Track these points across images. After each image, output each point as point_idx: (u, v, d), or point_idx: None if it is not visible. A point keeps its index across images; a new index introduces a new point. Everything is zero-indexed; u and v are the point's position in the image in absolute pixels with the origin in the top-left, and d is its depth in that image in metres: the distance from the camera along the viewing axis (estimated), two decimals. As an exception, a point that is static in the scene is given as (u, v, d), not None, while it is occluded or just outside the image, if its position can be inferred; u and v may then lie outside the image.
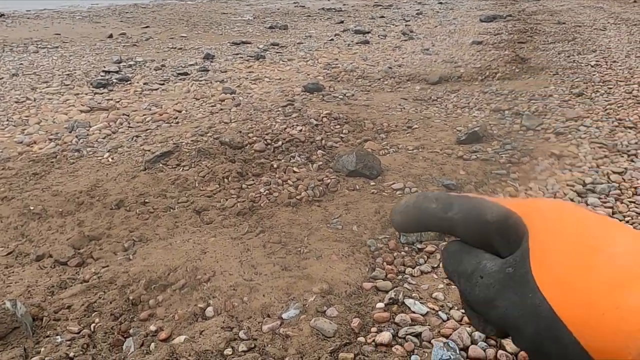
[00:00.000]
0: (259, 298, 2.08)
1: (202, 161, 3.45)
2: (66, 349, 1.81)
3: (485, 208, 0.42)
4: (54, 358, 1.77)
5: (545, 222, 0.38)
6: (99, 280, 2.25)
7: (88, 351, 1.82)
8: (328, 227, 2.68)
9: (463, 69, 6.40)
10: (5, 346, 1.82)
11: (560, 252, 0.35)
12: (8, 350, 1.81)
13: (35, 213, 2.89)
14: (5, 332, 1.84)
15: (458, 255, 0.44)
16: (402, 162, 3.49)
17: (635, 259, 0.33)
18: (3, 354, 1.79)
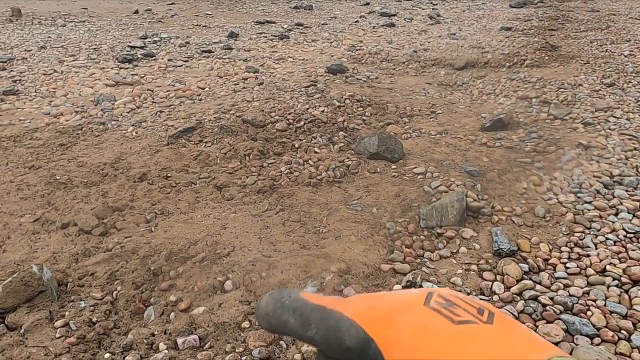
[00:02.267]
0: (277, 274, 2.10)
1: (224, 138, 3.47)
2: (89, 314, 1.86)
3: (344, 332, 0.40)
4: (78, 322, 1.82)
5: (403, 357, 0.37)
6: (121, 249, 2.30)
7: (110, 317, 1.87)
8: (347, 208, 2.68)
9: (490, 55, 6.26)
10: (32, 308, 1.88)
11: None
12: (34, 312, 1.87)
13: (61, 182, 2.96)
14: (32, 295, 1.90)
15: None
16: (424, 147, 3.45)
17: None
18: (29, 315, 1.85)
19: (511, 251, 2.22)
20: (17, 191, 2.86)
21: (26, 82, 5.24)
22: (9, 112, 4.32)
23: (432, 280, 2.05)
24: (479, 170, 3.06)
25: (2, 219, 2.56)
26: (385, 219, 2.57)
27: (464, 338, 0.35)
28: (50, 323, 1.83)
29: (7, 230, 2.47)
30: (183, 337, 1.74)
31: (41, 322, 1.82)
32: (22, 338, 1.76)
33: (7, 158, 3.33)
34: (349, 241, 2.36)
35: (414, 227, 2.48)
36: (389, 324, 0.39)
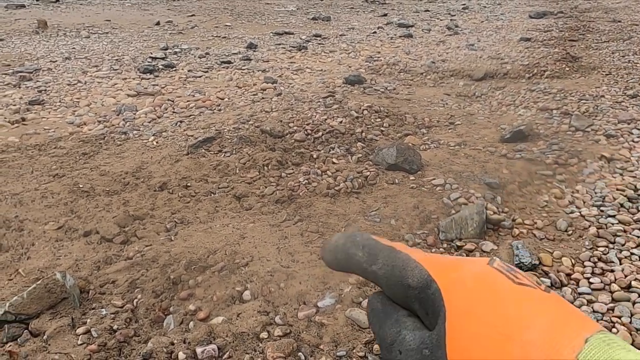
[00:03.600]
0: (296, 285, 2.10)
1: (243, 148, 3.50)
2: (110, 322, 1.89)
3: (408, 270, 0.41)
4: (99, 329, 1.84)
5: (463, 301, 0.37)
6: (142, 258, 2.33)
7: (130, 325, 1.89)
8: (366, 219, 2.68)
9: (510, 66, 6.21)
10: (55, 315, 1.91)
11: (475, 340, 0.35)
12: (57, 319, 1.90)
13: (84, 191, 3.01)
14: (55, 302, 1.93)
15: (380, 316, 0.43)
16: (443, 158, 3.43)
17: (548, 350, 0.32)
18: (52, 322, 1.88)
19: (533, 265, 2.19)
20: (41, 199, 2.92)
21: (51, 92, 5.37)
22: (34, 122, 4.43)
23: (451, 294, 2.03)
24: (499, 182, 3.03)
25: (27, 226, 2.62)
26: (404, 231, 2.55)
27: (524, 294, 0.37)
28: (72, 330, 1.85)
29: (32, 237, 2.52)
30: (202, 346, 1.75)
31: (63, 329, 1.85)
32: (45, 344, 1.79)
33: (32, 166, 3.41)
34: (368, 253, 2.35)
35: (433, 240, 2.46)
36: (453, 269, 0.41)
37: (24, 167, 3.41)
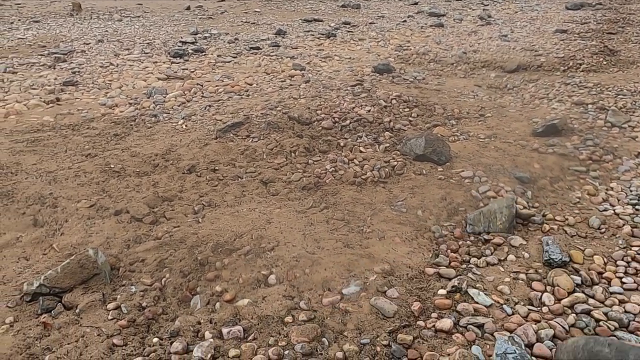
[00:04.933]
0: (321, 271, 2.10)
1: (271, 134, 3.51)
2: (139, 299, 1.93)
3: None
4: (129, 306, 1.89)
5: None
6: (170, 238, 2.37)
7: (159, 303, 1.94)
8: (392, 209, 2.66)
9: (544, 58, 6.04)
10: (87, 290, 1.97)
11: None
12: (89, 293, 1.95)
13: (115, 171, 3.08)
14: (87, 277, 1.99)
15: None
16: (472, 150, 3.37)
17: None
18: (84, 296, 1.94)
19: (563, 262, 2.14)
20: (74, 177, 3.00)
21: (84, 74, 5.48)
22: (68, 102, 4.54)
23: (478, 287, 2.01)
24: (529, 177, 2.96)
25: (61, 204, 2.69)
26: (431, 222, 2.53)
27: None
28: (103, 305, 1.91)
29: (65, 214, 2.60)
30: (228, 327, 1.78)
31: (95, 304, 1.90)
32: (77, 317, 1.85)
33: (66, 146, 3.50)
34: (393, 242, 2.34)
35: (460, 232, 2.43)
36: None
37: (58, 146, 3.50)
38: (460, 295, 1.97)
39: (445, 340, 1.76)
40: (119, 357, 1.66)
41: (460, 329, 1.81)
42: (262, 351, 1.67)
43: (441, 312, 1.89)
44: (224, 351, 1.68)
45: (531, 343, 1.71)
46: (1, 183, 2.90)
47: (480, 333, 1.78)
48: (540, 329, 1.77)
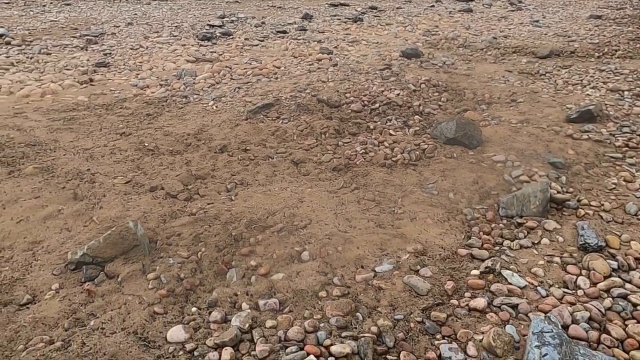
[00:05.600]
0: (353, 249, 2.12)
1: (301, 116, 3.53)
2: (177, 270, 1.99)
3: None
4: (168, 276, 1.94)
5: None
6: (204, 214, 2.42)
7: (196, 275, 1.99)
8: (423, 191, 2.66)
9: (577, 44, 5.89)
10: (127, 260, 2.03)
11: None
12: (129, 264, 2.02)
13: (149, 149, 3.14)
14: (127, 248, 2.05)
15: None
16: (504, 135, 3.33)
17: None
18: (125, 266, 2.00)
19: (598, 247, 2.11)
20: (110, 155, 3.07)
21: (115, 56, 5.57)
22: (101, 83, 4.63)
23: (511, 269, 2.00)
24: (563, 162, 2.92)
25: (98, 179, 2.77)
26: (462, 205, 2.52)
27: None
28: (143, 275, 1.97)
29: (103, 189, 2.67)
30: (264, 299, 1.82)
31: (135, 273, 1.96)
32: (119, 286, 1.91)
33: (101, 124, 3.58)
34: (425, 224, 2.35)
35: (492, 215, 2.42)
36: None
37: (93, 124, 3.58)
38: (494, 276, 1.97)
39: (479, 319, 1.77)
40: (160, 324, 1.72)
41: (494, 308, 1.81)
42: (298, 323, 1.70)
43: (474, 291, 1.90)
44: (261, 322, 1.72)
45: (567, 324, 1.71)
46: (41, 159, 2.99)
47: (515, 313, 1.78)
48: (575, 311, 1.77)
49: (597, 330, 1.70)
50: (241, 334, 1.65)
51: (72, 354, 1.58)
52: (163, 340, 1.66)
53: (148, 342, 1.64)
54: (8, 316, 1.76)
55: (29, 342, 1.64)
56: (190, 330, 1.69)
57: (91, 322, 1.72)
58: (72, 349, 1.60)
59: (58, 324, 1.72)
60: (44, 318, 1.74)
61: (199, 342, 1.64)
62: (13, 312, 1.79)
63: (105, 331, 1.68)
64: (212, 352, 1.59)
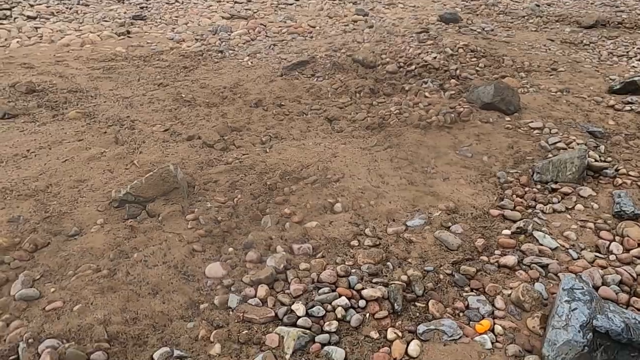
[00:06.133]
0: (385, 204, 2.16)
1: (336, 74, 3.52)
2: (215, 213, 2.06)
3: None
4: (206, 218, 2.02)
5: None
6: (240, 164, 2.47)
7: (232, 219, 2.06)
8: (456, 153, 2.65)
9: (626, 15, 5.63)
10: (167, 201, 2.12)
11: None
12: (169, 205, 2.10)
13: (186, 100, 3.20)
14: (168, 190, 2.13)
15: None
16: (542, 103, 3.26)
17: None
18: (165, 206, 2.09)
19: (634, 215, 2.09)
20: (148, 104, 3.14)
21: (151, 10, 5.60)
22: (138, 35, 4.68)
23: (543, 231, 2.01)
24: (603, 132, 2.85)
25: (138, 126, 2.85)
26: (496, 168, 2.51)
27: None
28: (183, 216, 2.05)
29: (142, 135, 2.75)
30: (298, 244, 1.88)
31: (175, 214, 2.04)
32: (160, 224, 2.00)
33: (139, 75, 3.64)
34: (458, 184, 2.35)
35: (526, 179, 2.41)
36: None
37: (132, 74, 3.65)
38: (525, 236, 1.98)
39: (508, 275, 1.79)
40: (199, 260, 1.80)
41: (523, 266, 1.83)
42: (331, 267, 1.76)
43: (505, 250, 1.92)
44: (294, 264, 1.78)
45: (596, 286, 1.72)
46: (83, 104, 3.08)
47: (544, 272, 1.80)
48: (606, 274, 1.77)
49: (627, 293, 1.71)
50: (276, 273, 1.72)
51: (117, 281, 1.68)
52: (202, 275, 1.74)
53: (188, 276, 1.73)
54: (58, 245, 1.87)
55: (77, 269, 1.74)
56: (227, 267, 1.77)
57: (134, 255, 1.81)
58: (117, 277, 1.70)
59: (104, 255, 1.82)
60: (90, 249, 1.84)
61: (236, 278, 1.72)
62: (62, 241, 1.89)
63: (147, 263, 1.77)
64: (249, 288, 1.67)
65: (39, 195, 2.16)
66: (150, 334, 1.49)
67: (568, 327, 1.42)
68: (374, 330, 1.54)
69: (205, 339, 1.48)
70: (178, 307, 1.59)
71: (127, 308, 1.57)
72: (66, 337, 1.44)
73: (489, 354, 1.48)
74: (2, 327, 1.49)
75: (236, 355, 1.44)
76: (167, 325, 1.53)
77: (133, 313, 1.55)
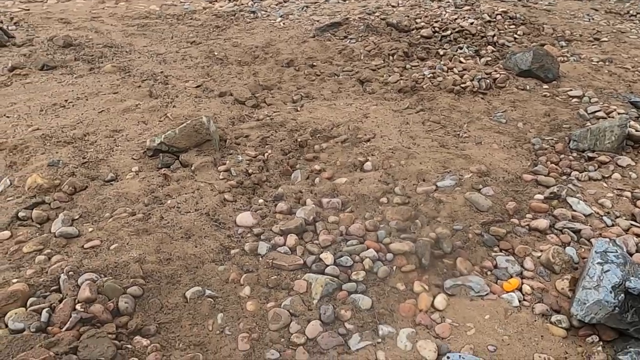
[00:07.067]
0: (416, 164, 2.14)
1: (369, 37, 3.46)
2: (246, 166, 2.09)
3: None
4: (237, 170, 2.05)
5: None
6: (271, 121, 2.48)
7: (263, 172, 2.08)
8: (490, 119, 2.60)
9: (678, -15, 5.31)
10: (200, 152, 2.15)
11: None
12: (202, 156, 2.13)
13: (218, 58, 3.20)
14: (200, 142, 2.16)
15: None
16: (582, 72, 3.14)
17: None
18: (198, 157, 2.12)
19: (675, 185, 2.03)
20: (182, 60, 3.16)
21: (184, -30, 5.56)
22: (171, -5, 4.67)
23: (578, 197, 1.96)
24: (646, 103, 2.75)
25: (171, 82, 2.88)
26: (531, 135, 2.45)
27: None
28: (214, 167, 2.08)
29: (175, 90, 2.77)
30: (327, 198, 1.89)
31: (207, 165, 2.08)
32: (193, 174, 2.04)
33: (172, 33, 3.66)
34: (491, 148, 2.31)
35: (562, 147, 2.35)
36: None
37: (165, 32, 3.66)
38: (559, 202, 1.95)
39: (539, 238, 1.77)
40: (230, 209, 1.84)
41: (555, 231, 1.81)
42: (359, 221, 1.77)
43: (536, 214, 1.89)
44: (323, 217, 1.80)
45: (631, 252, 1.69)
46: (118, 59, 3.12)
47: (577, 237, 1.78)
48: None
49: (662, 261, 1.67)
50: (305, 224, 1.75)
51: (151, 225, 1.73)
52: (232, 223, 1.78)
53: (219, 223, 1.77)
54: (95, 189, 1.93)
55: (114, 212, 1.80)
56: (257, 217, 1.80)
57: (168, 202, 1.86)
58: (151, 220, 1.75)
59: (139, 200, 1.87)
60: (126, 193, 1.90)
61: (266, 227, 1.75)
62: (99, 186, 1.95)
63: (180, 210, 1.82)
64: (278, 237, 1.70)
65: (77, 143, 2.22)
66: (183, 274, 1.54)
67: (599, 287, 1.40)
68: (401, 282, 1.56)
69: (235, 282, 1.53)
70: (209, 251, 1.63)
71: (161, 249, 1.62)
72: (104, 272, 1.50)
73: (516, 311, 1.48)
74: (44, 261, 1.56)
75: (265, 298, 1.48)
76: (199, 267, 1.57)
77: (167, 254, 1.60)
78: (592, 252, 1.55)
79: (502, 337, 1.39)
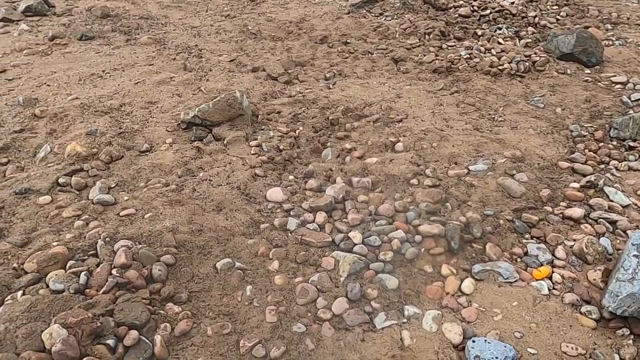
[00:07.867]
0: (448, 147, 2.11)
1: (405, 14, 3.38)
2: (277, 142, 2.10)
3: None
4: (268, 146, 2.06)
5: None
6: (303, 98, 2.48)
7: (294, 149, 2.09)
8: (527, 103, 2.53)
9: None
10: (232, 127, 2.17)
11: None
12: (234, 130, 2.15)
13: (252, 33, 3.20)
14: (233, 116, 2.18)
15: None
16: (628, 57, 3.01)
17: None
18: (231, 132, 2.14)
19: None
20: (216, 34, 3.17)
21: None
22: (206, -33, 4.65)
23: (616, 187, 1.91)
24: (695, 92, 2.62)
25: (205, 55, 2.89)
26: (570, 121, 2.38)
27: None
28: (246, 142, 2.10)
29: (209, 64, 2.79)
30: (357, 177, 1.89)
31: (239, 139, 2.10)
32: (225, 148, 2.06)
33: (207, 6, 3.66)
34: (526, 133, 2.26)
35: (601, 135, 2.27)
36: None
37: (200, 5, 3.67)
38: (595, 191, 1.90)
39: (572, 227, 1.74)
40: (260, 184, 1.86)
41: (590, 220, 1.77)
42: (389, 202, 1.77)
43: (571, 202, 1.85)
44: (353, 195, 1.81)
45: (668, 246, 1.64)
46: (154, 31, 3.15)
47: (612, 228, 1.73)
48: (680, 236, 1.68)
49: (701, 257, 1.62)
50: (335, 202, 1.76)
51: (184, 196, 1.76)
52: (263, 198, 1.80)
53: (250, 197, 1.80)
54: (131, 159, 1.98)
55: (148, 182, 1.85)
56: (287, 193, 1.81)
57: (200, 174, 1.89)
58: (184, 192, 1.79)
59: (172, 171, 1.91)
60: (160, 165, 1.94)
61: (295, 204, 1.77)
62: (135, 156, 2.00)
63: (212, 183, 1.85)
64: (308, 214, 1.71)
65: (114, 113, 2.27)
66: (214, 245, 1.58)
67: (634, 280, 1.37)
68: (428, 264, 1.56)
69: (264, 255, 1.55)
70: (240, 225, 1.66)
71: (193, 220, 1.65)
72: (139, 240, 1.55)
73: (545, 300, 1.46)
74: (82, 226, 1.62)
75: (293, 273, 1.50)
76: (230, 240, 1.60)
77: (198, 225, 1.64)
78: (628, 244, 1.51)
79: (529, 324, 1.38)
